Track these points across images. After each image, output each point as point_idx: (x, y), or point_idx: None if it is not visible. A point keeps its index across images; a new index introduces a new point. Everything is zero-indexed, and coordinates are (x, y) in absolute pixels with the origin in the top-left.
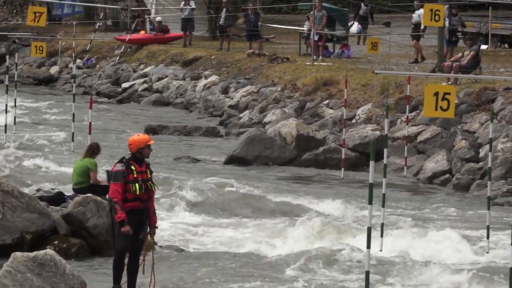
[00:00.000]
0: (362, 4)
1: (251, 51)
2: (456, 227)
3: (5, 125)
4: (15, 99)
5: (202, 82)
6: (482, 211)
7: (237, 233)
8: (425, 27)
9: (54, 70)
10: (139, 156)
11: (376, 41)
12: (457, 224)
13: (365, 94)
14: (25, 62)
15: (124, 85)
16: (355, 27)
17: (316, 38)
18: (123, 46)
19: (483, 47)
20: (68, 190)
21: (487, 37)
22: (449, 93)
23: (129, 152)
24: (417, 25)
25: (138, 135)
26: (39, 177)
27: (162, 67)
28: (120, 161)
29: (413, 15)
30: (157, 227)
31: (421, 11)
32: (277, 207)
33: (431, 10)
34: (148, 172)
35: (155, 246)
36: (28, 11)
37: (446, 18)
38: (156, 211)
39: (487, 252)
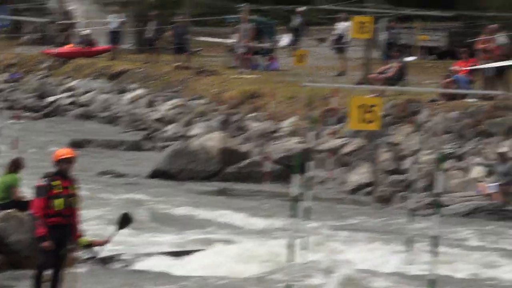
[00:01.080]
0: (295, 15)
1: (178, 63)
2: (379, 238)
3: None
4: None
5: (128, 96)
6: (404, 222)
7: (162, 248)
8: (349, 39)
9: None
10: (60, 171)
11: (304, 53)
12: (380, 236)
13: (291, 107)
14: None
15: (50, 99)
16: (286, 38)
17: (243, 50)
18: (52, 60)
19: (411, 58)
20: None
21: (414, 49)
22: (374, 105)
23: (54, 167)
24: (340, 37)
25: (61, 149)
26: None
27: (88, 81)
28: (45, 176)
29: (338, 26)
30: (80, 243)
31: (347, 23)
32: (201, 222)
33: (359, 22)
34: (72, 188)
35: (79, 262)
36: None
37: (384, 32)
38: (80, 227)
39: (410, 264)
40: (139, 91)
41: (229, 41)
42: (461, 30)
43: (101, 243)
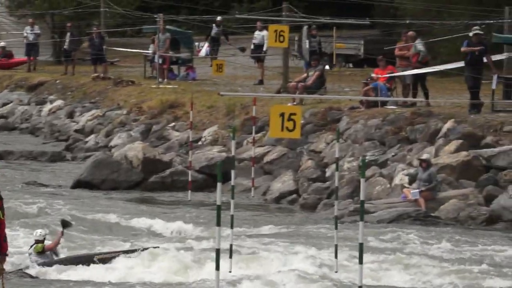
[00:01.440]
0: (214, 25)
1: (96, 74)
2: (304, 246)
3: None
4: None
5: (47, 107)
6: (329, 230)
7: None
8: (267, 48)
9: None
10: None
11: (221, 63)
12: (305, 244)
13: (211, 116)
14: None
15: None
16: (204, 49)
17: (160, 61)
18: None
19: (328, 67)
20: None
21: (332, 56)
22: (295, 114)
23: None
24: (259, 46)
25: None
26: None
27: (6, 93)
28: None
29: (255, 35)
30: (7, 254)
31: (264, 32)
32: (126, 230)
33: (276, 31)
34: None
35: (5, 273)
36: None
37: (305, 40)
38: (7, 238)
39: (336, 271)
40: (58, 102)
41: (146, 51)
42: (378, 38)
43: (54, 246)
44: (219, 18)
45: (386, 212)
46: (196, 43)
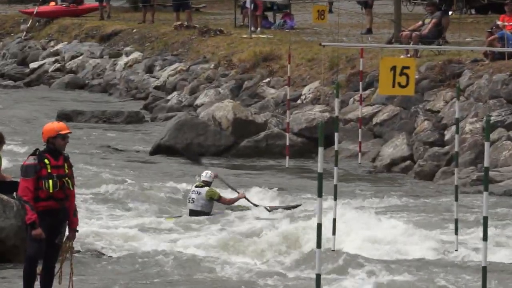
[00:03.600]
0: None
1: (178, 23)
2: (419, 221)
3: None
4: None
5: (122, 60)
6: (449, 202)
7: (166, 235)
8: None
9: None
10: (52, 148)
11: (323, 8)
12: (421, 218)
13: (312, 71)
14: None
15: (32, 65)
16: None
17: (253, 7)
18: (30, 20)
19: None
20: None
21: (451, 1)
22: (408, 67)
23: (44, 143)
24: None
25: (53, 122)
26: None
27: (75, 44)
28: (33, 153)
29: None
30: (77, 231)
31: None
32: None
33: None
34: (66, 167)
35: (74, 251)
36: None
37: None
38: (78, 212)
39: (456, 250)
40: (135, 55)
41: None
42: None
43: (229, 202)
44: None
45: None
46: None
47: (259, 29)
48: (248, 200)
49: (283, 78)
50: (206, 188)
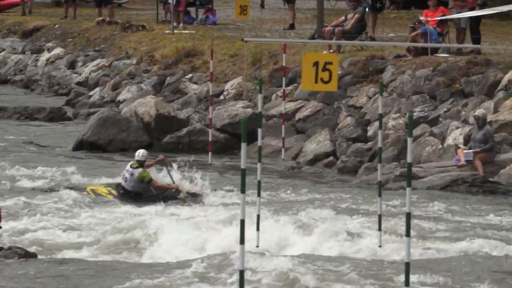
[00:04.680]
0: None
1: (101, 18)
2: (342, 217)
3: None
4: None
5: (44, 56)
6: (372, 198)
7: (92, 233)
8: None
9: None
10: None
11: (245, 4)
12: (344, 214)
13: (234, 66)
14: None
15: None
16: None
17: (175, 2)
18: None
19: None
20: None
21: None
22: (331, 63)
23: None
24: None
25: None
26: None
27: None
28: None
29: None
30: (0, 227)
31: None
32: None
33: None
34: None
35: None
36: None
37: None
38: (1, 210)
39: (380, 246)
40: (57, 51)
41: None
42: None
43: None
44: None
45: (438, 177)
46: None
47: (181, 24)
48: (179, 191)
49: (205, 74)
50: (139, 170)
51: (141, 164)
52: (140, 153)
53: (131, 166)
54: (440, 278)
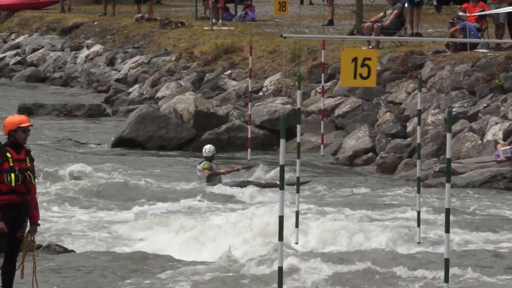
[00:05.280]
0: None
1: (139, 15)
2: (382, 213)
3: None
4: None
5: (84, 53)
6: (411, 194)
7: (131, 230)
8: None
9: None
10: (13, 141)
11: (284, 0)
12: (383, 210)
13: (273, 62)
14: None
15: None
16: None
17: None
18: None
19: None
20: None
21: None
22: (369, 59)
23: (6, 137)
24: None
25: (14, 116)
26: None
27: (37, 37)
28: None
29: None
30: (39, 224)
31: None
32: (177, 197)
33: None
34: (28, 161)
35: (37, 246)
36: None
37: None
38: (39, 206)
39: (419, 242)
40: (96, 48)
41: None
42: None
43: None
44: None
45: (477, 173)
46: None
47: (220, 21)
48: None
49: (244, 70)
50: (203, 162)
51: (209, 160)
52: (207, 149)
53: (199, 163)
54: (479, 274)
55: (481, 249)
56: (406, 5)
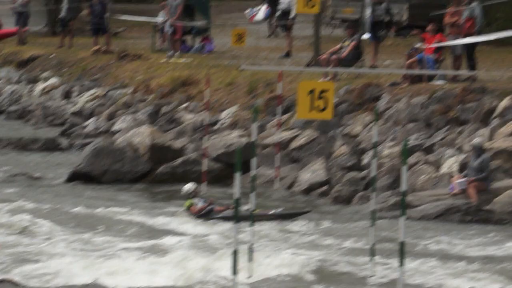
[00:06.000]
0: None
1: (97, 48)
2: (336, 245)
3: None
4: None
5: (40, 86)
6: (366, 227)
7: (84, 262)
8: (295, 15)
9: None
10: None
11: (242, 32)
12: (338, 243)
13: (230, 95)
14: None
15: None
16: (262, 12)
17: (171, 30)
18: None
19: (366, 36)
20: None
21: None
22: (326, 91)
23: None
24: (286, 13)
25: None
26: None
27: None
28: None
29: (281, 0)
30: None
31: None
32: (132, 230)
33: None
34: None
35: None
36: None
37: (368, 7)
38: None
39: (373, 275)
40: (52, 81)
41: (155, 19)
42: (424, 2)
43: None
44: None
45: (432, 206)
46: (247, 10)
47: (177, 53)
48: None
49: (201, 103)
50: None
51: (191, 197)
52: (185, 189)
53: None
54: None
55: (435, 283)
56: (366, 37)
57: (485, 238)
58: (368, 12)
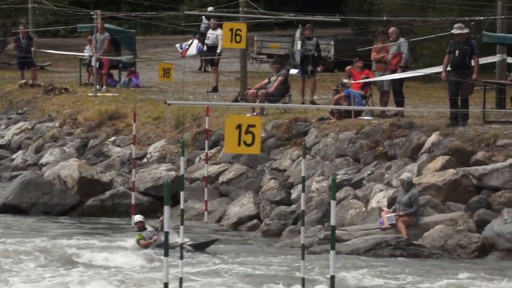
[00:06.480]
0: (203, 17)
1: (23, 81)
2: (266, 280)
3: None
4: None
5: None
6: (295, 261)
7: None
8: (221, 50)
9: None
10: None
11: (169, 66)
12: (267, 277)
13: (158, 129)
14: None
15: None
16: (194, 46)
17: (98, 65)
18: None
19: (293, 71)
20: None
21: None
22: (254, 126)
23: None
24: (212, 48)
25: None
26: None
27: None
28: None
29: (208, 34)
30: None
31: (218, 31)
32: (61, 263)
33: (231, 29)
34: None
35: None
36: None
37: (298, 41)
38: None
39: None
40: None
41: (82, 54)
42: (351, 37)
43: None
44: (210, 8)
45: (362, 240)
46: (177, 45)
47: (104, 87)
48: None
49: (128, 137)
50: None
51: (141, 230)
52: (135, 218)
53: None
54: None
55: None
56: (295, 71)
57: (416, 272)
58: (298, 46)
